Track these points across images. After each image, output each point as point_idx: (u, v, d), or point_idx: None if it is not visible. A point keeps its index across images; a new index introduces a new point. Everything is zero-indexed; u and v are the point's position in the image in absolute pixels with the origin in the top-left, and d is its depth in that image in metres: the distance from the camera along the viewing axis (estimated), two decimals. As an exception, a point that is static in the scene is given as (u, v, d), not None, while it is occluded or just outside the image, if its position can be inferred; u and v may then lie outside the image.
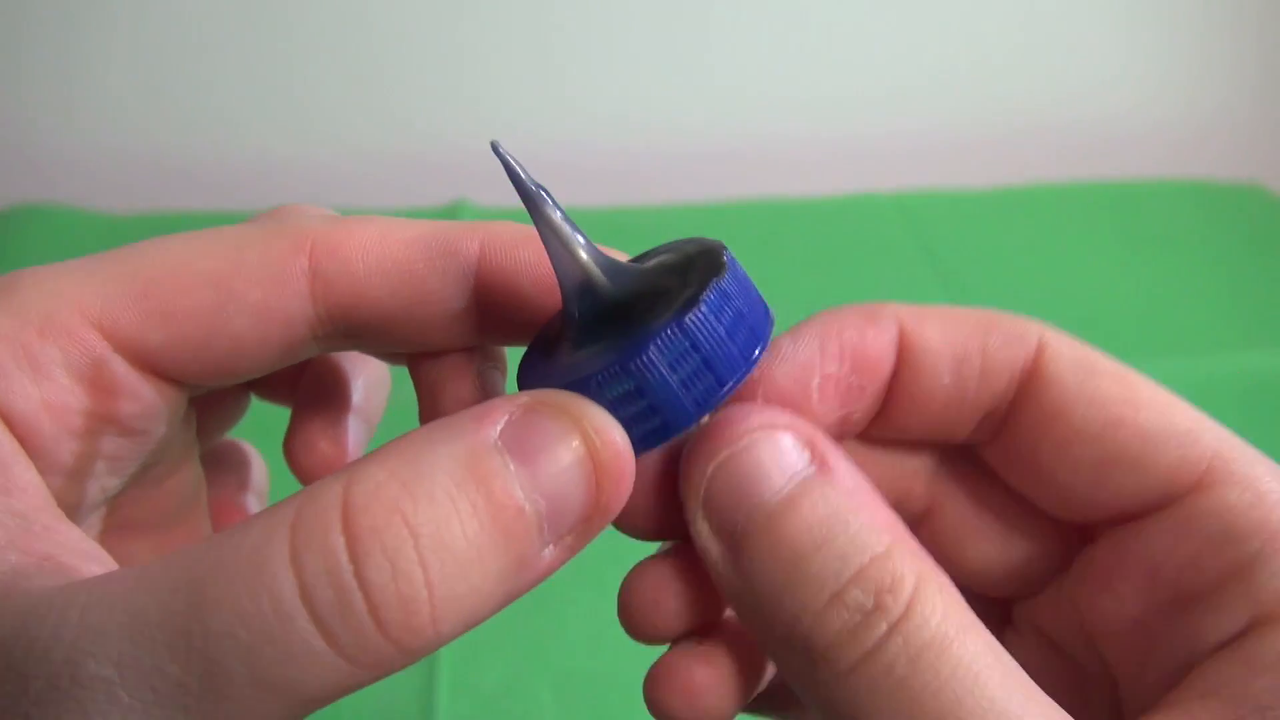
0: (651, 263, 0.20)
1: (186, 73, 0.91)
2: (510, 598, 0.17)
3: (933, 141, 1.00)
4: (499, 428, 0.17)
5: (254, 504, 0.28)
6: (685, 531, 0.19)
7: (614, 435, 0.17)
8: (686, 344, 0.17)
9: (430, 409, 0.22)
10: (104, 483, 0.20)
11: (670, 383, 0.17)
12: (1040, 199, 0.89)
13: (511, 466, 0.16)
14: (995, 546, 0.23)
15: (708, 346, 0.17)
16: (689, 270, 0.19)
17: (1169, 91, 1.02)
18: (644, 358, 0.17)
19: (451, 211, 0.82)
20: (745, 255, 0.86)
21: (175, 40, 0.89)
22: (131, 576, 0.15)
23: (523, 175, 0.19)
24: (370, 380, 0.26)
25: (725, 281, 0.18)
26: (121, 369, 0.19)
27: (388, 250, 0.20)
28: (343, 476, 0.16)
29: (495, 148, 0.19)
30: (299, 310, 0.20)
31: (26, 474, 0.18)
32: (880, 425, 0.22)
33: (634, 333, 0.18)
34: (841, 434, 0.22)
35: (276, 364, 0.21)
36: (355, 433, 0.25)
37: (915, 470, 0.23)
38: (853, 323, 0.21)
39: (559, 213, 0.19)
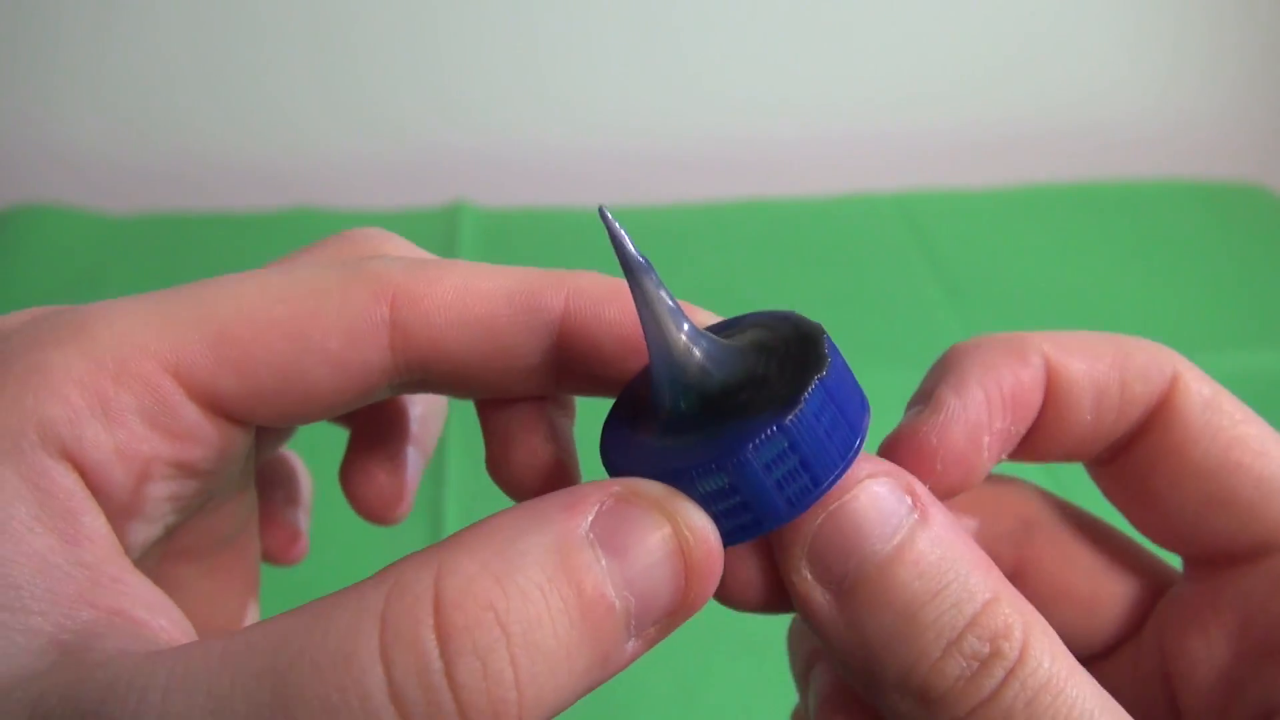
0: (745, 338, 0.19)
1: (186, 74, 0.91)
2: (589, 690, 0.17)
3: (933, 142, 1.00)
4: (590, 518, 0.16)
5: (303, 519, 0.27)
6: (784, 603, 0.19)
7: (707, 534, 0.17)
8: (785, 444, 0.17)
9: (499, 455, 0.22)
10: (168, 521, 0.20)
11: (765, 482, 0.17)
12: (1040, 199, 0.89)
13: (603, 561, 0.16)
14: (1084, 608, 0.23)
15: (806, 447, 0.17)
16: (787, 357, 0.18)
17: (1169, 92, 1.02)
18: (741, 456, 0.17)
19: (451, 212, 0.82)
20: (745, 255, 0.86)
21: (175, 41, 0.89)
22: (214, 655, 0.15)
23: (629, 245, 0.17)
24: (428, 410, 0.26)
25: (828, 378, 0.17)
26: (193, 415, 0.19)
27: (470, 304, 0.20)
28: (432, 563, 0.16)
29: (602, 213, 0.17)
30: (377, 361, 0.19)
31: (95, 522, 0.17)
32: (1017, 455, 0.22)
33: (730, 424, 0.17)
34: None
35: (349, 408, 0.20)
36: (413, 463, 0.25)
37: (1003, 534, 0.23)
38: (1006, 366, 0.21)
39: (663, 290, 0.18)
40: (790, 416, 0.17)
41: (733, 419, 0.17)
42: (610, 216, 0.17)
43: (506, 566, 0.15)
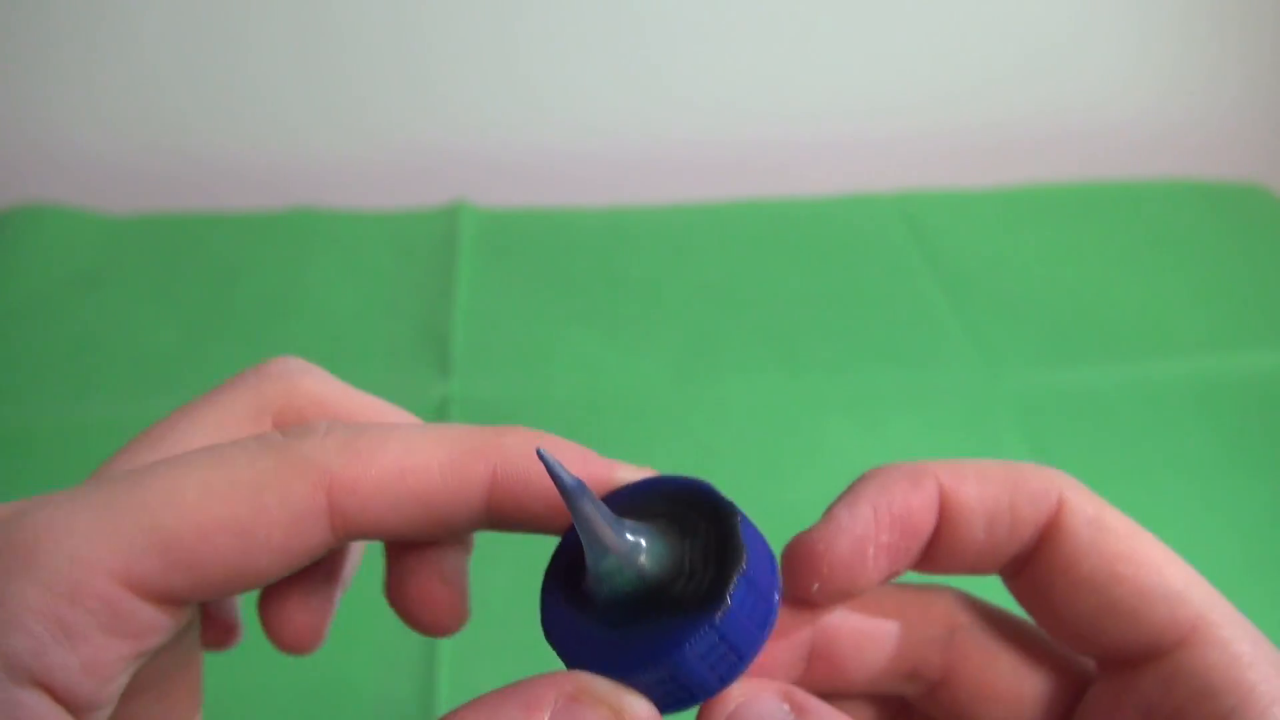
0: (666, 519, 0.21)
1: (186, 74, 0.91)
2: None
3: (933, 142, 1.00)
4: (546, 718, 0.18)
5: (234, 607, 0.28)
6: None
7: None
8: (716, 638, 0.19)
9: (395, 589, 0.24)
10: (123, 689, 0.21)
11: (700, 670, 0.19)
12: (1040, 199, 0.89)
13: None
14: (1009, 707, 0.25)
15: (734, 636, 0.19)
16: (709, 543, 0.20)
17: (1170, 92, 1.02)
18: (680, 654, 0.19)
19: (451, 212, 0.82)
20: (745, 255, 0.86)
21: (175, 41, 0.89)
22: None
23: (563, 474, 0.19)
24: (354, 550, 0.27)
25: (747, 571, 0.20)
26: (148, 613, 0.19)
27: (405, 483, 0.21)
28: None
29: (540, 454, 0.19)
30: (319, 542, 0.21)
31: None
32: (922, 568, 0.25)
33: (666, 618, 0.20)
34: (883, 582, 0.24)
35: (291, 573, 0.22)
36: (335, 601, 0.27)
37: (930, 638, 0.25)
38: (899, 489, 0.23)
39: (599, 507, 0.20)
40: (719, 615, 0.19)
41: (667, 612, 0.20)
42: (547, 454, 0.19)
43: None
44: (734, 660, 0.20)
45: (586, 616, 0.21)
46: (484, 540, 0.25)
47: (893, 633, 0.25)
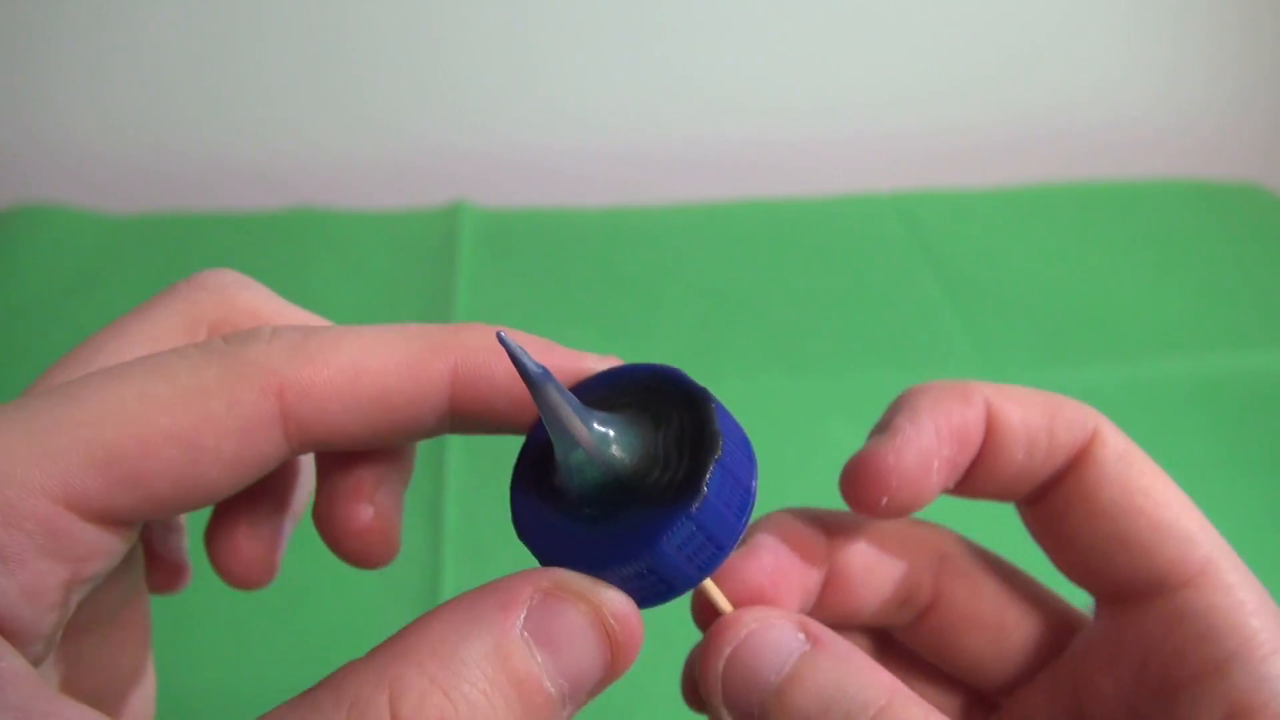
0: (637, 406, 0.20)
1: (186, 73, 0.91)
2: None
3: (932, 142, 1.00)
4: (523, 615, 0.18)
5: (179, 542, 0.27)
6: None
7: (629, 616, 0.19)
8: (693, 528, 0.19)
9: (323, 512, 0.23)
10: (67, 618, 0.20)
11: (678, 561, 0.19)
12: (1040, 199, 0.89)
13: (538, 657, 0.18)
14: (991, 635, 0.26)
15: (712, 525, 0.19)
16: (683, 430, 0.20)
17: (1169, 92, 1.02)
18: (658, 546, 0.18)
19: (451, 212, 0.82)
20: (745, 255, 0.86)
21: (175, 41, 0.89)
22: None
23: (526, 361, 0.18)
24: (302, 468, 0.26)
25: (724, 458, 0.19)
26: (91, 534, 0.18)
27: (361, 385, 0.20)
28: (384, 681, 0.17)
29: (500, 337, 0.19)
30: (272, 451, 0.20)
31: (14, 663, 0.17)
32: (958, 490, 0.25)
33: (640, 509, 0.19)
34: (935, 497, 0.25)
35: (244, 486, 0.21)
36: (286, 530, 0.25)
37: (924, 566, 0.26)
38: (954, 404, 0.24)
39: (565, 394, 0.19)
40: (696, 505, 0.18)
41: (641, 503, 0.19)
42: (508, 339, 0.18)
43: (453, 678, 0.17)
44: (713, 550, 0.19)
45: (558, 512, 0.20)
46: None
47: (896, 562, 0.25)
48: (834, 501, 0.25)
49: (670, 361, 0.22)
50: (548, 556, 0.20)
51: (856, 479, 0.23)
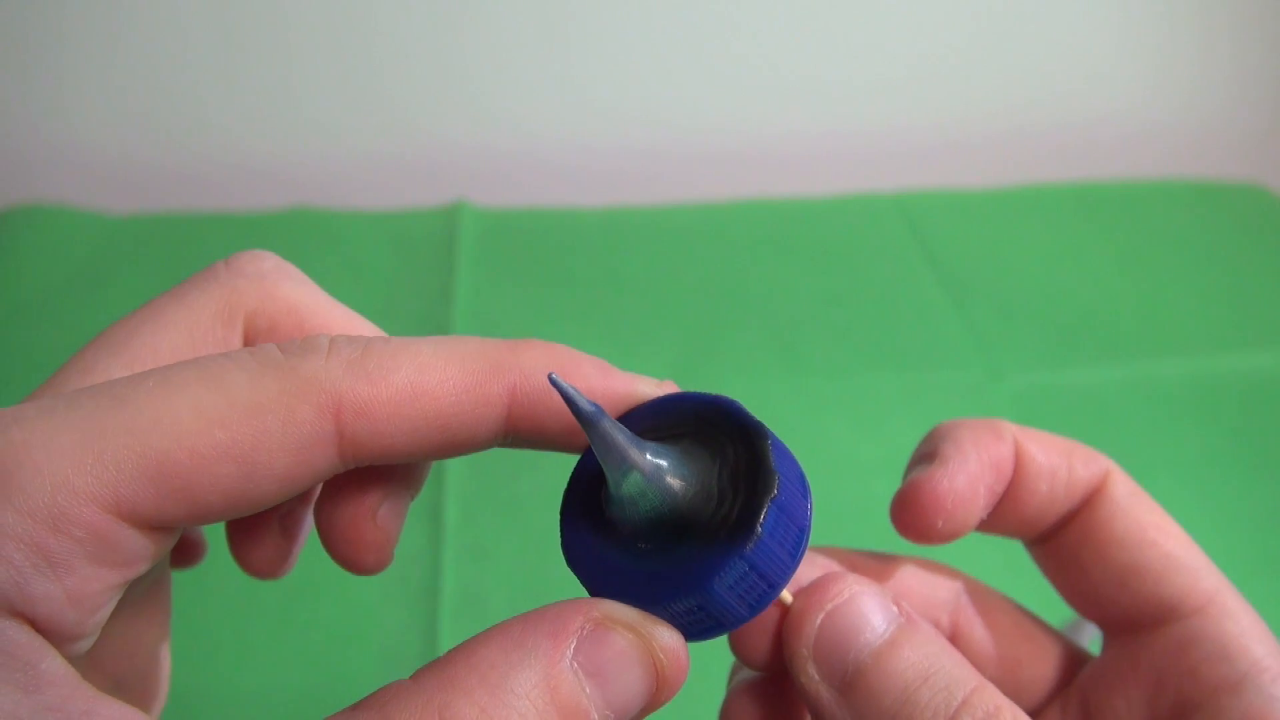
0: (690, 438, 0.20)
1: (186, 73, 0.91)
2: None
3: (933, 141, 1.00)
4: (573, 645, 0.18)
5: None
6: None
7: (678, 652, 0.19)
8: (746, 568, 0.19)
9: (327, 519, 0.23)
10: (106, 619, 0.20)
11: (729, 600, 0.19)
12: (1040, 199, 0.89)
13: (588, 689, 0.18)
14: (1007, 671, 0.27)
15: (764, 565, 0.19)
16: (738, 466, 0.19)
17: (1169, 91, 1.02)
18: (709, 586, 0.18)
19: (451, 212, 0.82)
20: (745, 255, 0.86)
21: (175, 40, 0.89)
22: None
23: (580, 401, 0.18)
24: None
25: (779, 497, 0.19)
26: (137, 541, 0.18)
27: (419, 405, 0.19)
28: (432, 711, 0.17)
29: (552, 380, 0.18)
30: (325, 468, 0.19)
31: (54, 664, 0.17)
32: (984, 524, 0.26)
33: (693, 546, 0.19)
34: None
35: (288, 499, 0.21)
36: (306, 524, 0.25)
37: (942, 606, 0.27)
38: (989, 438, 0.25)
39: (618, 429, 0.19)
40: (750, 545, 0.18)
41: (694, 539, 0.19)
42: (560, 380, 0.18)
43: (502, 709, 0.17)
44: (764, 589, 0.19)
45: (609, 543, 0.20)
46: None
47: (916, 601, 0.27)
48: (833, 498, 0.26)
49: (670, 361, 0.22)
50: (597, 588, 0.19)
51: (912, 505, 0.25)
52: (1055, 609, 0.31)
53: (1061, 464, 0.26)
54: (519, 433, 0.21)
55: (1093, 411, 0.68)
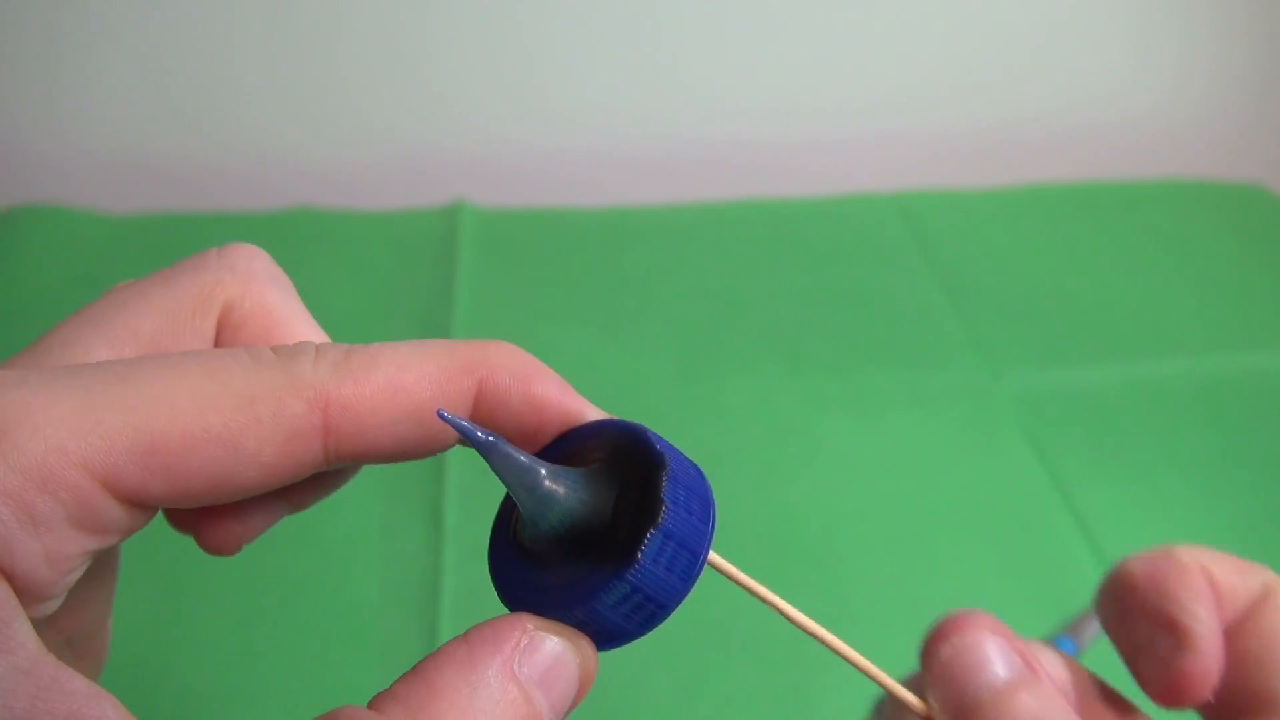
0: (602, 458, 0.22)
1: (186, 73, 0.91)
2: None
3: (932, 142, 1.00)
4: (518, 659, 0.19)
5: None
6: None
7: (593, 657, 0.21)
8: (628, 589, 0.20)
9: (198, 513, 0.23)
10: (74, 583, 0.20)
11: (615, 619, 0.20)
12: (1040, 199, 0.89)
13: (537, 696, 0.19)
14: None
15: (649, 588, 0.20)
16: (639, 488, 0.21)
17: (1169, 92, 1.02)
18: (593, 605, 0.20)
19: (451, 212, 0.82)
20: (745, 255, 0.86)
21: (175, 41, 0.89)
22: None
23: (475, 432, 0.20)
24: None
25: (666, 523, 0.20)
26: (117, 512, 0.19)
27: (399, 402, 0.21)
28: None
29: (441, 415, 0.20)
30: (310, 461, 0.20)
31: (24, 629, 0.18)
32: None
33: (589, 565, 0.20)
34: None
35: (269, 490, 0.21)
36: (278, 516, 0.26)
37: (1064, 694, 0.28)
38: (1207, 596, 0.26)
39: (516, 453, 0.20)
40: (630, 569, 0.20)
41: (591, 559, 0.21)
42: (449, 416, 0.20)
43: None
44: (653, 609, 0.20)
45: (521, 559, 0.21)
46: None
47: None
48: (832, 496, 0.26)
49: (670, 361, 0.22)
50: (509, 600, 0.21)
51: (1180, 694, 0.25)
52: (1049, 617, 0.31)
53: (1239, 583, 0.26)
54: (482, 419, 0.22)
55: (1093, 411, 0.68)
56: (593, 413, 0.23)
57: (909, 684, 0.25)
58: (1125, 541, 0.60)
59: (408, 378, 0.21)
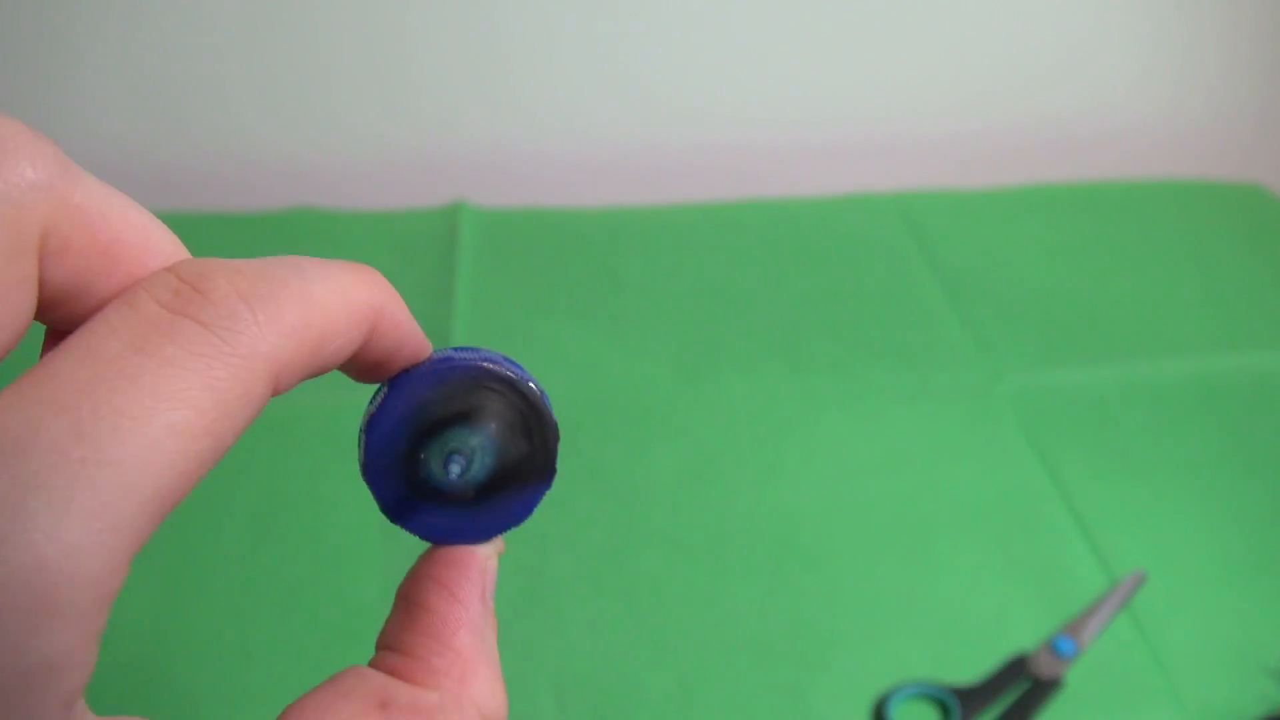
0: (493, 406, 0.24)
1: (183, 73, 0.91)
2: None
3: (932, 142, 1.00)
4: (485, 585, 0.23)
5: None
6: None
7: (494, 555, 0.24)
8: (546, 490, 0.23)
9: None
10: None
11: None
12: (1040, 199, 0.89)
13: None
14: None
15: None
16: (525, 416, 0.23)
17: (1170, 92, 1.02)
18: (526, 517, 0.23)
19: (451, 212, 0.82)
20: (745, 255, 0.86)
21: (172, 40, 0.89)
22: None
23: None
24: None
25: (532, 386, 0.23)
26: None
27: (326, 350, 0.21)
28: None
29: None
30: (256, 413, 0.21)
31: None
32: None
33: (512, 489, 0.23)
34: None
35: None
36: None
37: None
38: None
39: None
40: (551, 480, 0.23)
41: (511, 483, 0.23)
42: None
43: None
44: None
45: (424, 499, 0.23)
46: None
47: None
48: (832, 496, 0.25)
49: (670, 361, 0.23)
50: (438, 538, 0.23)
51: None
52: (1049, 616, 0.31)
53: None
54: (365, 353, 0.22)
55: (1093, 411, 0.68)
56: (429, 351, 0.23)
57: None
58: (1125, 541, 0.60)
59: (335, 324, 0.21)
